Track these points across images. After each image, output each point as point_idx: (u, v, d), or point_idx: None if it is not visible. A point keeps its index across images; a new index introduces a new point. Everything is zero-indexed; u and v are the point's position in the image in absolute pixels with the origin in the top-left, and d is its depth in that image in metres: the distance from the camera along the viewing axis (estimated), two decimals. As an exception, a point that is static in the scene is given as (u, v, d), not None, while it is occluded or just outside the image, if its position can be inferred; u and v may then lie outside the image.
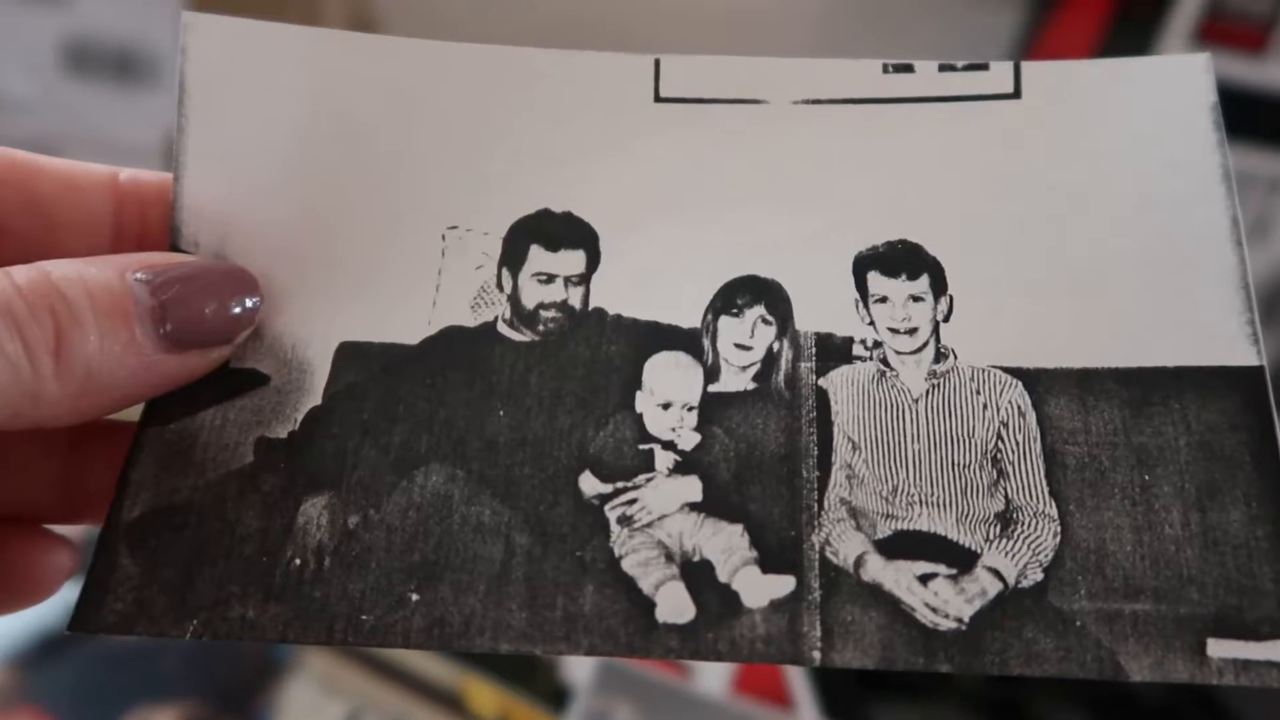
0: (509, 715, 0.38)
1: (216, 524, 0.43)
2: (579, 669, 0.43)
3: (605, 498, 0.47)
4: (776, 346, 0.45)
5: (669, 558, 0.42)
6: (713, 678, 0.45)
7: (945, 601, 0.41)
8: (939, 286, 0.46)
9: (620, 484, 0.47)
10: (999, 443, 0.43)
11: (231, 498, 0.44)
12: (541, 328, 0.47)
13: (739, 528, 0.43)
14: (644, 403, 0.45)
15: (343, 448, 0.45)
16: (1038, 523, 0.42)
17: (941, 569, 0.42)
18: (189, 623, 0.44)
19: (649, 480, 0.47)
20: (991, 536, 0.42)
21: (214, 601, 0.45)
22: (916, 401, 0.47)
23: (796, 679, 0.48)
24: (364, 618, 0.42)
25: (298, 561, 0.43)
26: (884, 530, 0.42)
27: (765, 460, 0.44)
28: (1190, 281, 0.47)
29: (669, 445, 0.47)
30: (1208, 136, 0.48)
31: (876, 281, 0.46)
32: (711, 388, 0.48)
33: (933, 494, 0.43)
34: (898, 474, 0.43)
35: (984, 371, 0.44)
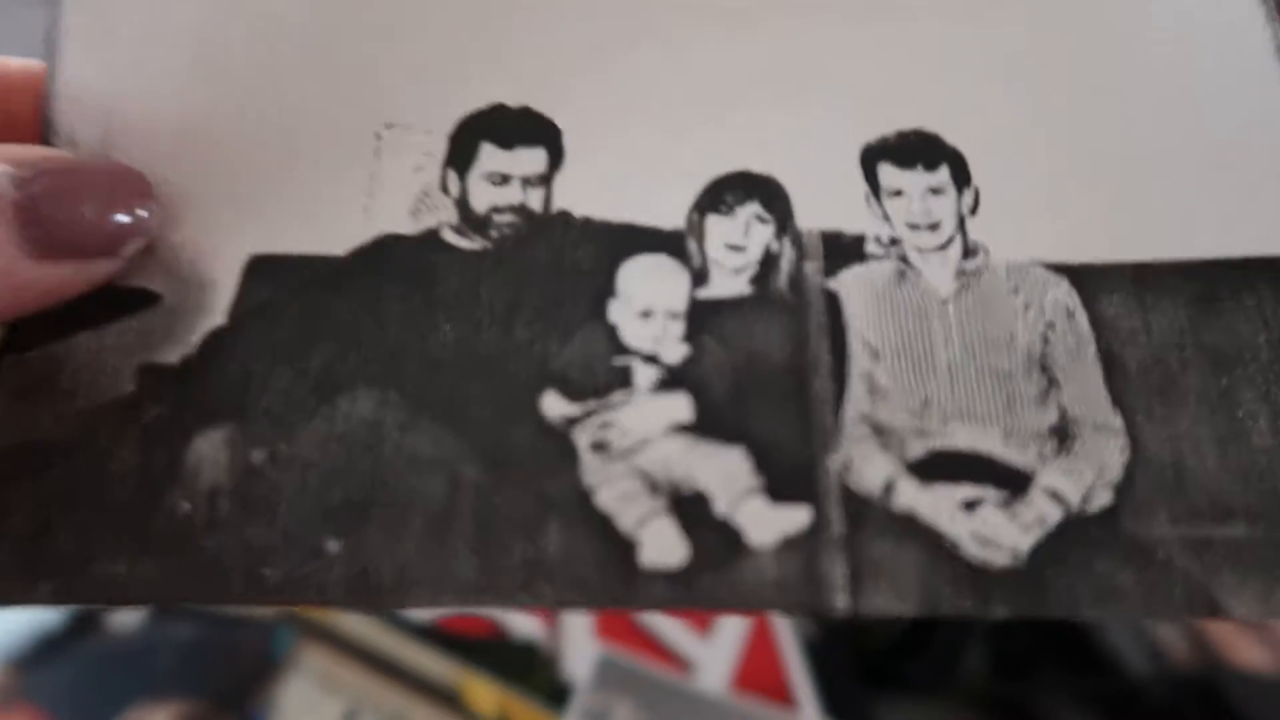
0: (508, 713, 0.30)
1: (84, 463, 0.34)
2: (578, 665, 0.35)
3: (573, 421, 0.38)
4: (775, 247, 0.38)
5: (654, 489, 0.34)
6: (714, 674, 0.37)
7: (997, 531, 0.33)
8: (961, 178, 0.39)
9: (592, 403, 0.38)
10: (1045, 348, 0.35)
11: (105, 432, 0.35)
12: (495, 234, 0.39)
13: (740, 451, 0.35)
14: (619, 312, 0.37)
15: (248, 372, 0.36)
16: (1101, 436, 0.35)
17: (989, 493, 0.34)
18: (43, 585, 0.35)
19: (627, 399, 0.38)
20: (1046, 453, 0.34)
21: (76, 557, 0.35)
22: (945, 303, 0.40)
23: (798, 676, 0.39)
24: (266, 572, 0.33)
25: (185, 506, 0.34)
26: (916, 450, 0.34)
27: (768, 373, 0.36)
28: (1250, 165, 0.41)
29: (651, 359, 0.39)
30: (1254, 9, 0.42)
31: (889, 174, 0.39)
32: (700, 293, 0.40)
33: (972, 406, 0.35)
34: (928, 384, 0.35)
35: (1022, 268, 0.37)
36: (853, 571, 0.35)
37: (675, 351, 0.39)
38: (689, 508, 0.36)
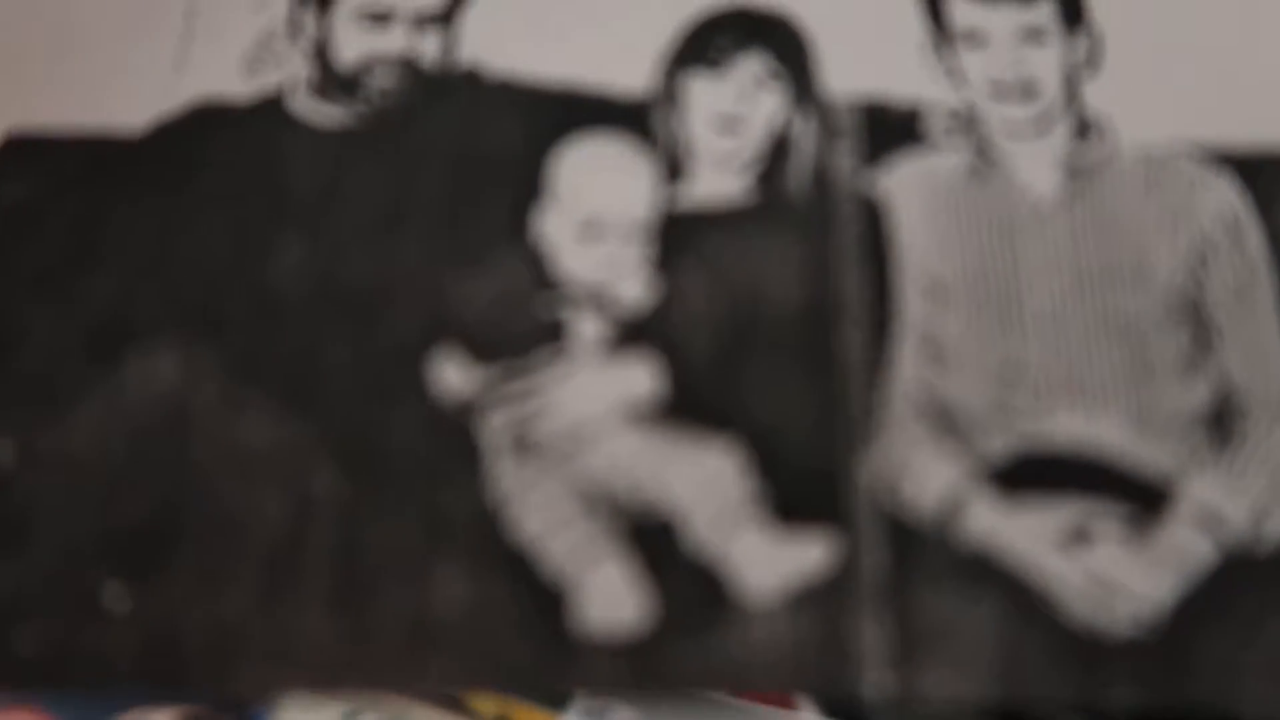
0: (507, 714, 0.19)
1: None
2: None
3: (482, 397, 0.25)
4: (788, 124, 0.24)
5: (599, 510, 0.21)
6: None
7: (1121, 572, 0.20)
8: (1072, 15, 0.25)
9: (508, 366, 0.25)
10: (1198, 283, 0.22)
11: None
12: (368, 99, 0.24)
13: (728, 448, 0.22)
14: (553, 224, 0.23)
15: None
16: None
17: (1109, 512, 0.21)
18: None
19: (561, 365, 0.26)
20: (1198, 449, 0.21)
21: None
22: (1046, 215, 0.26)
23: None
24: (15, 635, 0.19)
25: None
26: (997, 444, 0.21)
27: (774, 323, 0.22)
28: None
29: (597, 299, 0.26)
30: None
31: (964, 10, 0.25)
32: (673, 199, 0.27)
33: (1082, 374, 0.22)
34: (1017, 341, 0.22)
35: (1164, 160, 0.23)
36: (901, 638, 0.23)
37: (633, 290, 0.26)
38: (652, 540, 0.24)
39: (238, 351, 0.26)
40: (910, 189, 0.27)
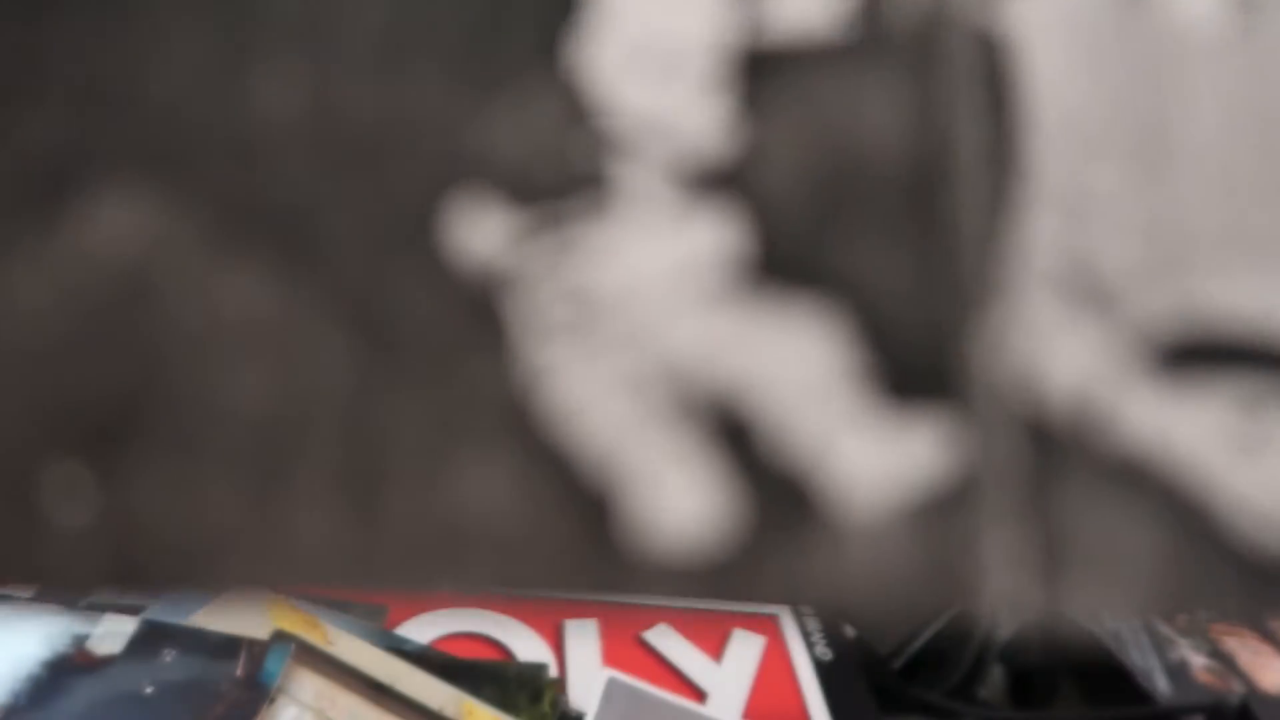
0: None
1: None
2: (586, 691, 0.22)
3: (512, 255, 0.21)
4: None
5: (661, 394, 0.16)
6: (726, 700, 0.25)
7: None
8: None
9: (545, 217, 0.21)
10: None
11: None
12: None
13: (825, 319, 0.17)
14: (604, 41, 0.18)
15: None
16: None
17: None
18: None
19: (608, 216, 0.21)
20: None
21: None
22: (1214, 48, 0.21)
23: (814, 699, 0.26)
24: None
25: None
26: (1156, 319, 0.16)
27: (876, 179, 0.17)
28: None
29: (655, 140, 0.21)
30: None
31: None
32: (754, 29, 0.22)
33: (1255, 229, 0.17)
34: (1177, 197, 0.16)
35: None
36: (1048, 548, 0.18)
37: (703, 130, 0.21)
38: (728, 432, 0.19)
39: (213, 201, 0.21)
40: (1044, 19, 0.22)
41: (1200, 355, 0.20)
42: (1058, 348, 0.20)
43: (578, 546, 0.19)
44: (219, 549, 0.19)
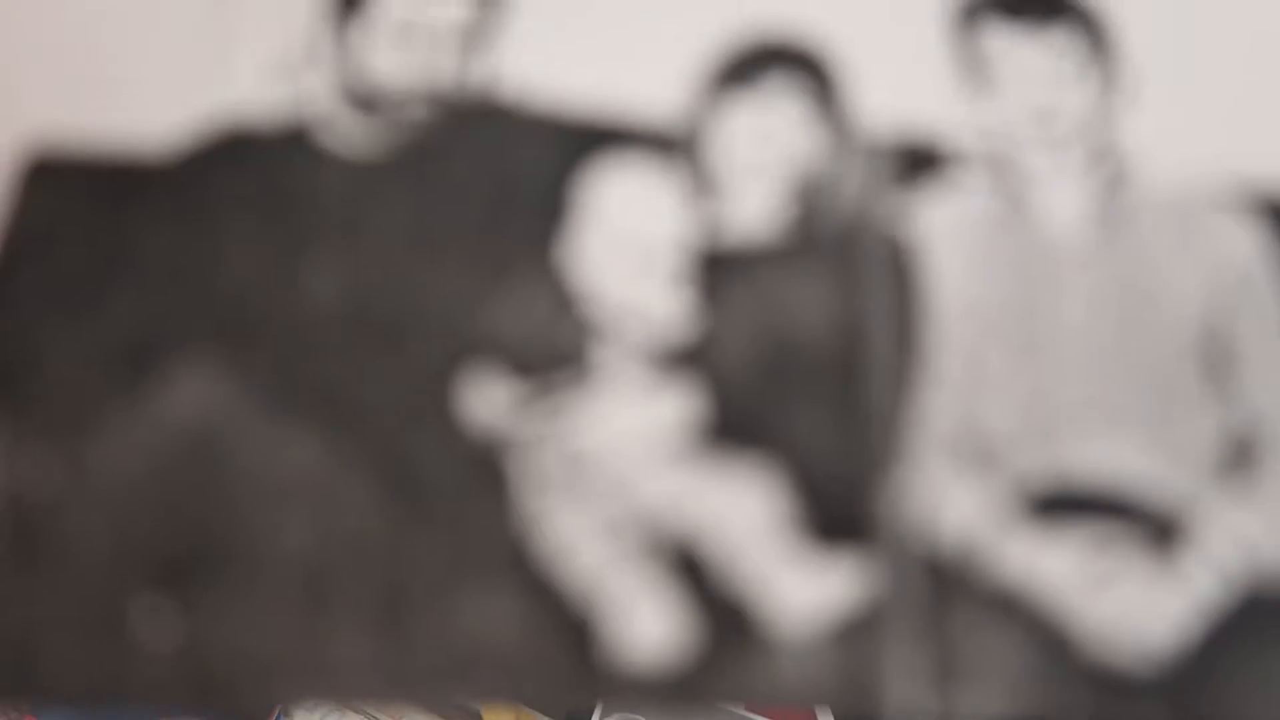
0: None
1: None
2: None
3: (512, 420, 0.25)
4: (816, 158, 0.24)
5: (631, 535, 0.21)
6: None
7: (1143, 605, 0.21)
8: (1097, 43, 0.25)
9: (539, 389, 0.25)
10: (1218, 310, 0.23)
11: None
12: (398, 123, 0.24)
13: (764, 473, 0.22)
14: (584, 248, 0.23)
15: (22, 336, 0.21)
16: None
17: (1132, 541, 0.21)
18: None
19: (592, 387, 0.26)
20: (1220, 474, 0.22)
21: None
22: (1075, 258, 0.27)
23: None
24: (44, 665, 0.20)
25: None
26: (1027, 472, 0.22)
27: (807, 359, 0.23)
28: None
29: (631, 324, 0.26)
30: None
31: (995, 37, 0.25)
32: (711, 231, 0.27)
33: (1110, 402, 0.23)
34: (1046, 370, 0.22)
35: (1197, 200, 0.24)
36: (941, 661, 0.23)
37: (670, 315, 0.26)
38: (685, 566, 0.24)
39: (267, 376, 0.26)
40: (943, 230, 0.27)
41: (1063, 505, 0.24)
42: (949, 499, 0.24)
43: (566, 663, 0.23)
44: (274, 668, 0.24)
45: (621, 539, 0.24)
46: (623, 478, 0.25)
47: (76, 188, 0.28)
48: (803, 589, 0.23)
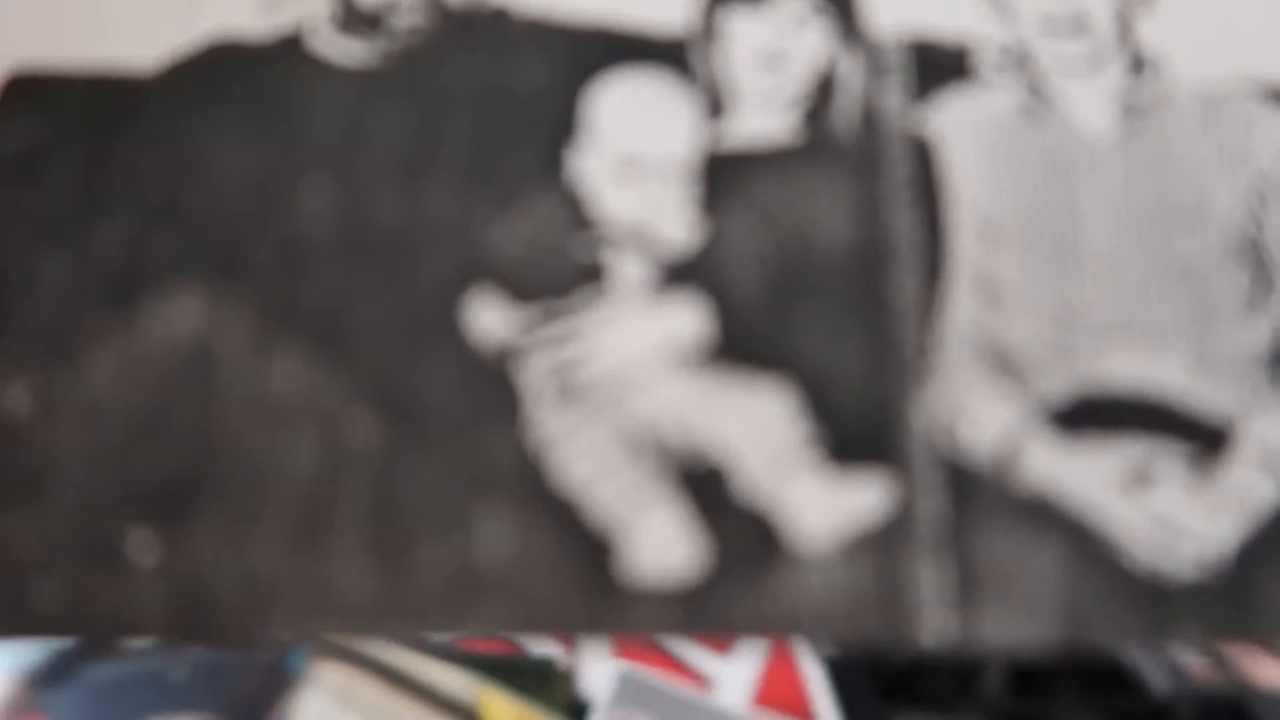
0: None
1: None
2: (597, 682, 0.24)
3: (520, 341, 0.24)
4: (833, 62, 0.23)
5: (647, 454, 0.20)
6: (734, 692, 0.27)
7: (1184, 514, 0.19)
8: None
9: (547, 309, 0.24)
10: (1257, 221, 0.22)
11: None
12: (393, 34, 0.23)
13: (779, 390, 0.21)
14: (590, 163, 0.22)
15: (8, 261, 0.22)
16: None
17: (1170, 453, 0.20)
18: None
19: (600, 305, 0.25)
20: (1258, 386, 0.20)
21: None
22: (1101, 154, 0.26)
23: (819, 692, 0.29)
24: (36, 589, 0.19)
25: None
26: (1054, 384, 0.21)
27: (824, 265, 0.21)
28: None
29: (638, 240, 0.25)
30: None
31: None
32: (717, 139, 0.26)
33: (1141, 316, 0.21)
34: (1073, 282, 0.21)
35: (1221, 99, 0.22)
36: (962, 580, 0.22)
37: (677, 230, 0.25)
38: (702, 485, 0.23)
39: (263, 297, 0.25)
40: (962, 128, 0.26)
41: (1094, 419, 0.23)
42: (978, 412, 0.23)
43: (581, 585, 0.22)
44: (265, 602, 0.23)
45: (637, 457, 0.23)
46: (637, 395, 0.24)
47: (58, 104, 0.27)
48: (822, 508, 0.22)
